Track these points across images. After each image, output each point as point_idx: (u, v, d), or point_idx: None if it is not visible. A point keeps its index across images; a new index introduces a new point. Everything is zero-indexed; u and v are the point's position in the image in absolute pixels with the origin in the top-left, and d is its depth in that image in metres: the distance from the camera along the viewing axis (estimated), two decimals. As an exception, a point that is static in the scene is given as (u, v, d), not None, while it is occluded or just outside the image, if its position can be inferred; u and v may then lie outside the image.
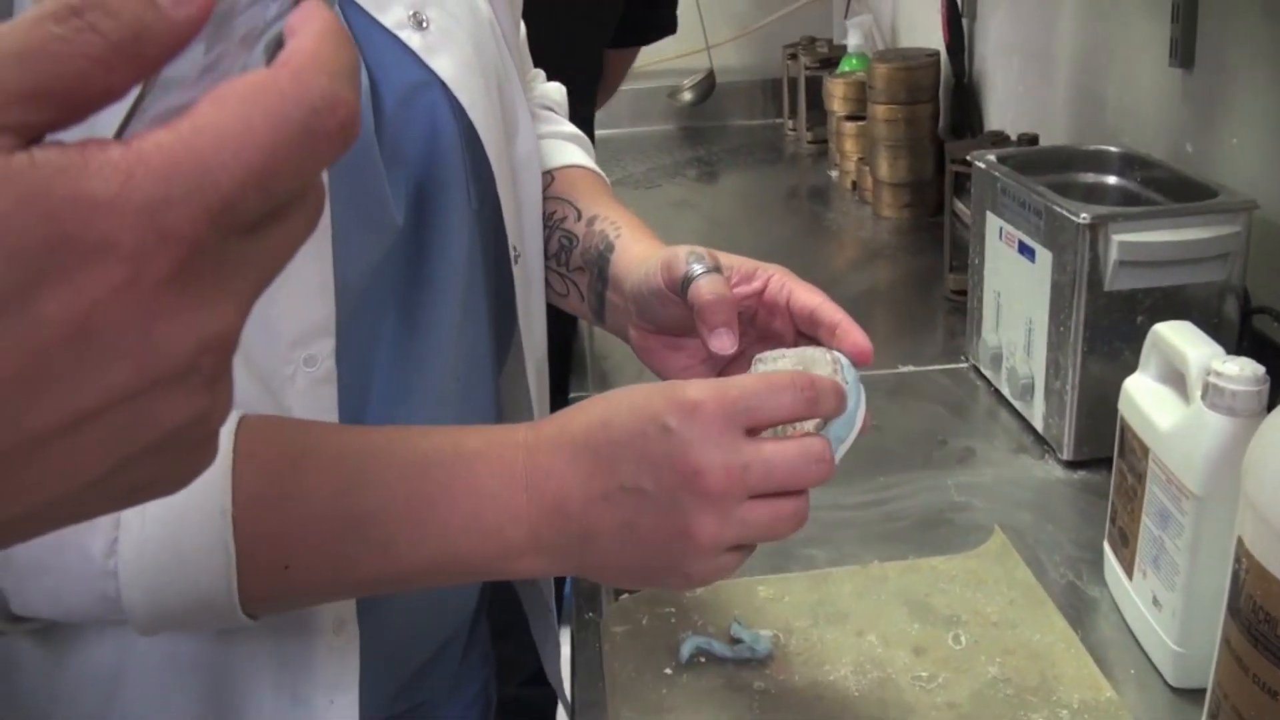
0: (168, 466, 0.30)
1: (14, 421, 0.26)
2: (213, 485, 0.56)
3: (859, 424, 0.65)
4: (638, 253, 0.80)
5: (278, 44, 0.29)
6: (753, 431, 0.59)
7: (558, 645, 0.93)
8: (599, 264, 0.82)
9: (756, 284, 0.74)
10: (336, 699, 0.65)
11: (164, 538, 0.55)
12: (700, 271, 0.71)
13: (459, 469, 0.60)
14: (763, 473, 0.58)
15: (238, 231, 0.27)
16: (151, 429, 0.28)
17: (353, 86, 0.28)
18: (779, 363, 0.69)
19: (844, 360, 0.67)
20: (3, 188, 0.24)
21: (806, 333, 0.72)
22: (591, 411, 0.61)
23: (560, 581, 0.98)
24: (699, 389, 0.58)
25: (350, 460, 0.59)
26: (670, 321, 0.76)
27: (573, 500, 0.59)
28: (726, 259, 0.74)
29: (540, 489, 0.60)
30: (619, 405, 0.60)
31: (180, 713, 0.66)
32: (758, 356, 0.70)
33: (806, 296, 0.72)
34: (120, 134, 0.28)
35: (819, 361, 0.67)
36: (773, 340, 0.74)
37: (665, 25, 1.95)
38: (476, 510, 0.59)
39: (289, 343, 0.62)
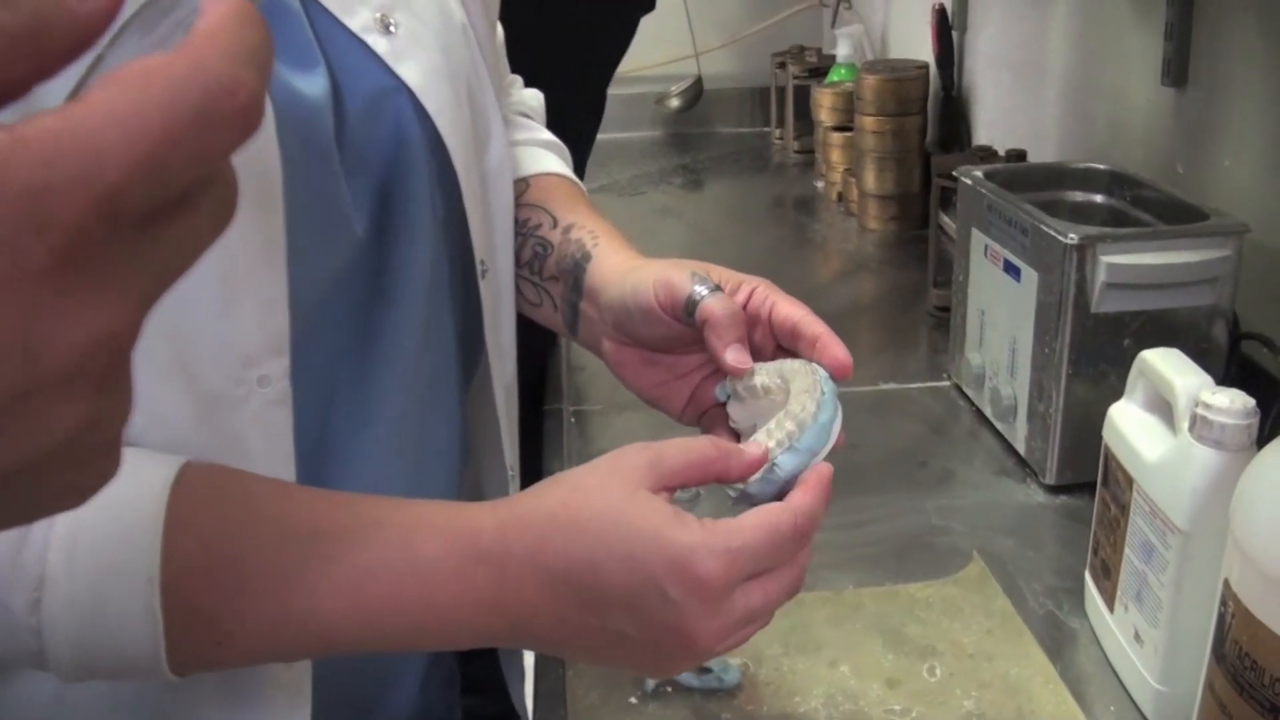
0: (65, 479, 0.28)
1: None
2: (141, 548, 0.52)
3: (834, 438, 0.64)
4: (615, 264, 0.77)
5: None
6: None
7: (522, 670, 0.90)
8: (574, 273, 0.80)
9: (740, 296, 0.72)
10: None
11: (89, 601, 0.52)
12: (706, 293, 0.69)
13: (410, 581, 0.56)
14: (752, 624, 0.59)
15: (129, 224, 0.25)
16: (39, 437, 0.26)
17: (256, 69, 0.27)
18: (757, 377, 0.68)
19: (823, 373, 0.66)
20: None
21: (787, 346, 0.71)
22: (575, 537, 0.56)
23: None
24: (706, 560, 0.55)
25: (292, 551, 0.55)
26: (650, 339, 0.73)
27: (544, 628, 0.57)
28: (713, 272, 0.72)
29: (506, 611, 0.56)
30: (610, 546, 0.55)
31: None
32: (733, 384, 0.69)
33: (789, 309, 0.70)
34: None
35: (798, 373, 0.66)
36: (752, 353, 0.71)
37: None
38: (429, 623, 0.57)
39: (240, 362, 0.58)
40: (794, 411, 0.63)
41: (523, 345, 0.84)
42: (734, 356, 0.68)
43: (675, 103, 2.58)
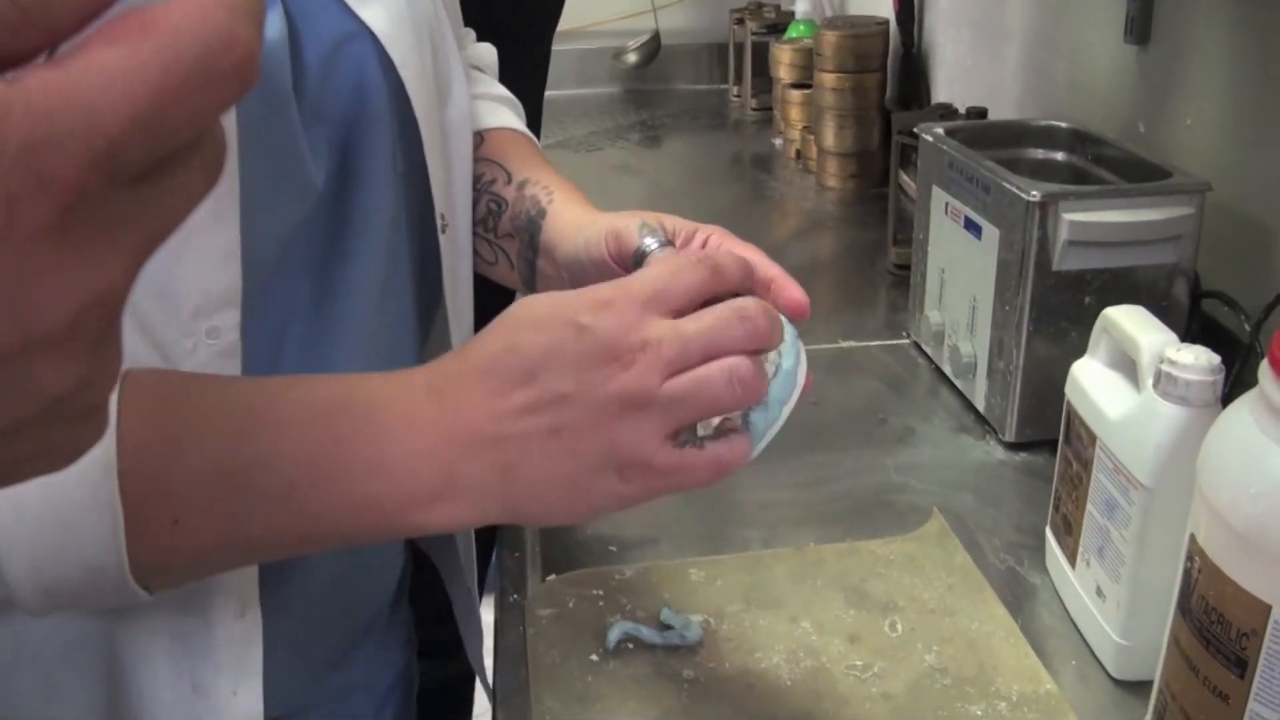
0: (51, 440, 0.27)
1: None
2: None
3: (800, 382, 0.62)
4: (570, 218, 0.76)
5: None
6: (674, 314, 0.56)
7: (480, 630, 0.89)
8: (529, 230, 0.78)
9: (694, 245, 0.71)
10: (239, 689, 0.61)
11: (45, 500, 0.50)
12: (655, 246, 0.68)
13: (359, 411, 0.55)
14: (678, 342, 0.55)
15: (125, 179, 0.25)
16: (30, 397, 0.25)
17: (253, 24, 0.26)
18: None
19: (781, 317, 0.64)
20: None
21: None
22: (492, 340, 0.57)
23: (483, 563, 0.94)
24: (605, 288, 0.56)
25: (241, 406, 0.55)
26: None
27: (487, 424, 0.55)
28: (667, 221, 0.71)
29: (449, 426, 0.55)
30: (521, 325, 0.56)
31: (75, 703, 0.61)
32: None
33: (741, 252, 0.69)
34: None
35: None
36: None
37: None
38: (381, 451, 0.55)
39: (190, 313, 0.57)
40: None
41: (479, 304, 0.83)
42: None
43: (632, 58, 2.55)
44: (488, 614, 0.91)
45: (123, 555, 0.52)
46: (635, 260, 0.68)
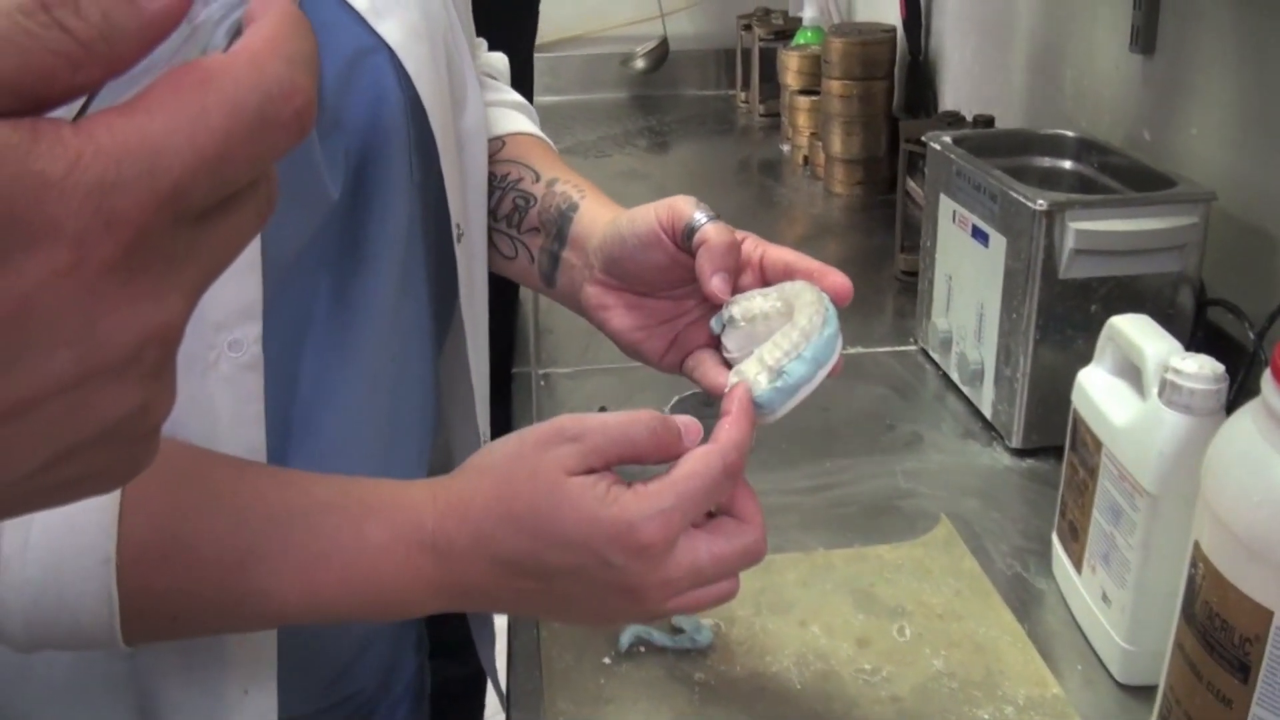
0: (106, 462, 0.29)
1: None
2: (97, 531, 0.53)
3: (836, 354, 0.65)
4: (604, 212, 0.78)
5: (237, 30, 0.29)
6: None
7: (493, 633, 0.90)
8: (559, 223, 0.80)
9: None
10: (251, 690, 0.62)
11: (44, 581, 0.52)
12: (707, 220, 0.71)
13: (360, 565, 0.58)
14: (699, 584, 0.60)
15: (187, 220, 0.26)
16: (90, 422, 0.27)
17: (310, 74, 0.27)
18: (754, 300, 0.69)
19: (823, 294, 0.67)
20: None
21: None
22: (513, 533, 0.58)
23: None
24: (640, 521, 0.56)
25: (245, 535, 0.56)
26: (641, 272, 0.74)
27: (492, 600, 0.61)
28: None
29: (454, 590, 0.59)
30: (550, 538, 0.57)
31: (86, 704, 0.62)
32: (733, 299, 0.70)
33: (780, 252, 0.72)
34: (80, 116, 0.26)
35: (800, 294, 0.67)
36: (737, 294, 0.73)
37: None
38: (379, 602, 0.59)
39: (212, 326, 0.58)
40: (800, 324, 0.64)
41: (491, 309, 0.84)
42: (718, 283, 0.69)
43: (640, 64, 2.56)
44: (500, 617, 0.92)
45: (116, 634, 0.54)
46: (685, 233, 0.71)
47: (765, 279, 0.72)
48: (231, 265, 0.57)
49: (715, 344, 0.73)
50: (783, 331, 0.65)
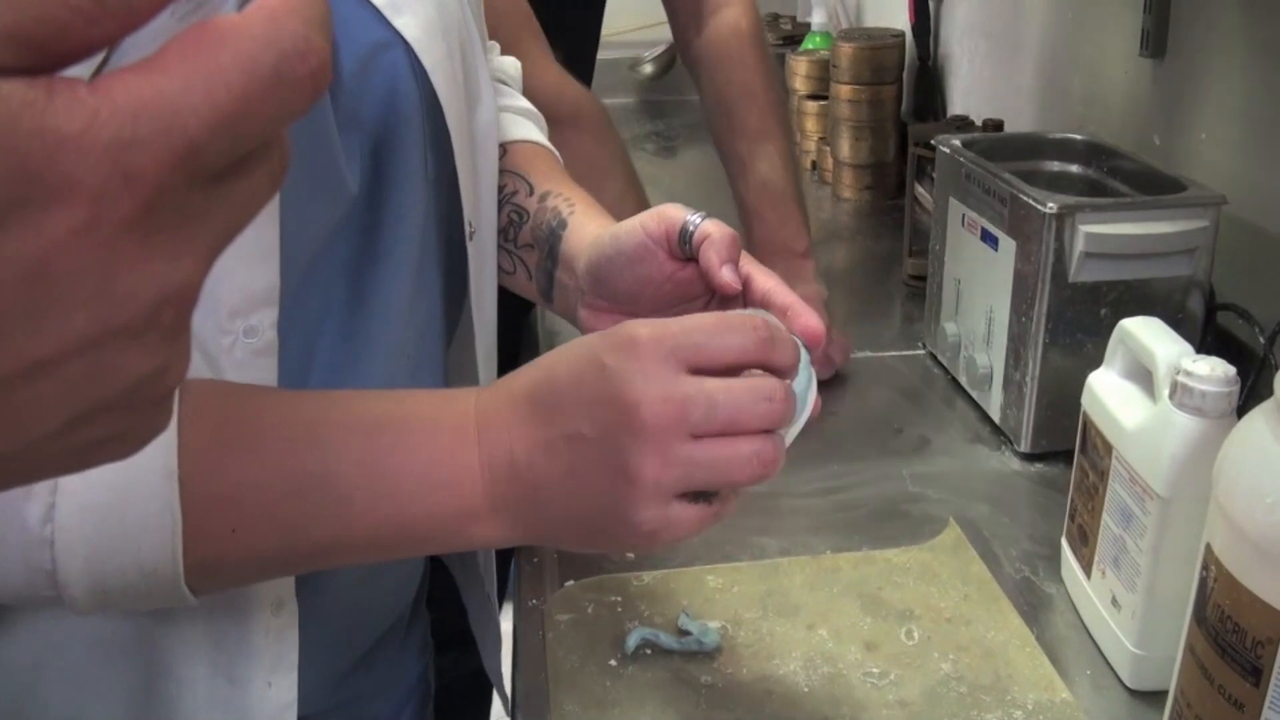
0: (123, 425, 0.29)
1: None
2: (159, 445, 0.52)
3: (810, 405, 0.63)
4: (591, 230, 0.77)
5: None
6: (700, 372, 0.56)
7: (498, 636, 0.90)
8: (550, 241, 0.79)
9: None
10: (275, 681, 0.62)
11: (106, 502, 0.52)
12: (699, 221, 0.71)
13: (411, 429, 0.58)
14: (704, 407, 0.55)
15: (202, 179, 0.26)
16: (108, 383, 0.27)
17: (325, 34, 0.27)
18: None
19: (795, 339, 0.64)
20: None
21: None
22: (536, 368, 0.60)
23: (503, 570, 0.95)
24: (639, 325, 0.57)
25: (300, 420, 0.57)
26: (630, 288, 0.73)
27: (519, 452, 0.58)
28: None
29: (490, 446, 0.58)
30: (561, 356, 0.59)
31: (108, 697, 0.62)
32: None
33: (762, 280, 0.70)
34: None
35: None
36: None
37: None
38: (431, 468, 0.58)
39: (228, 311, 0.58)
40: None
41: (501, 309, 0.84)
42: (728, 274, 0.68)
43: (649, 69, 2.56)
44: (506, 620, 0.92)
45: (178, 559, 0.53)
46: (682, 238, 0.70)
47: (747, 300, 0.71)
48: (248, 251, 0.57)
49: None
50: None
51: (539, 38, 1.17)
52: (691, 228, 0.70)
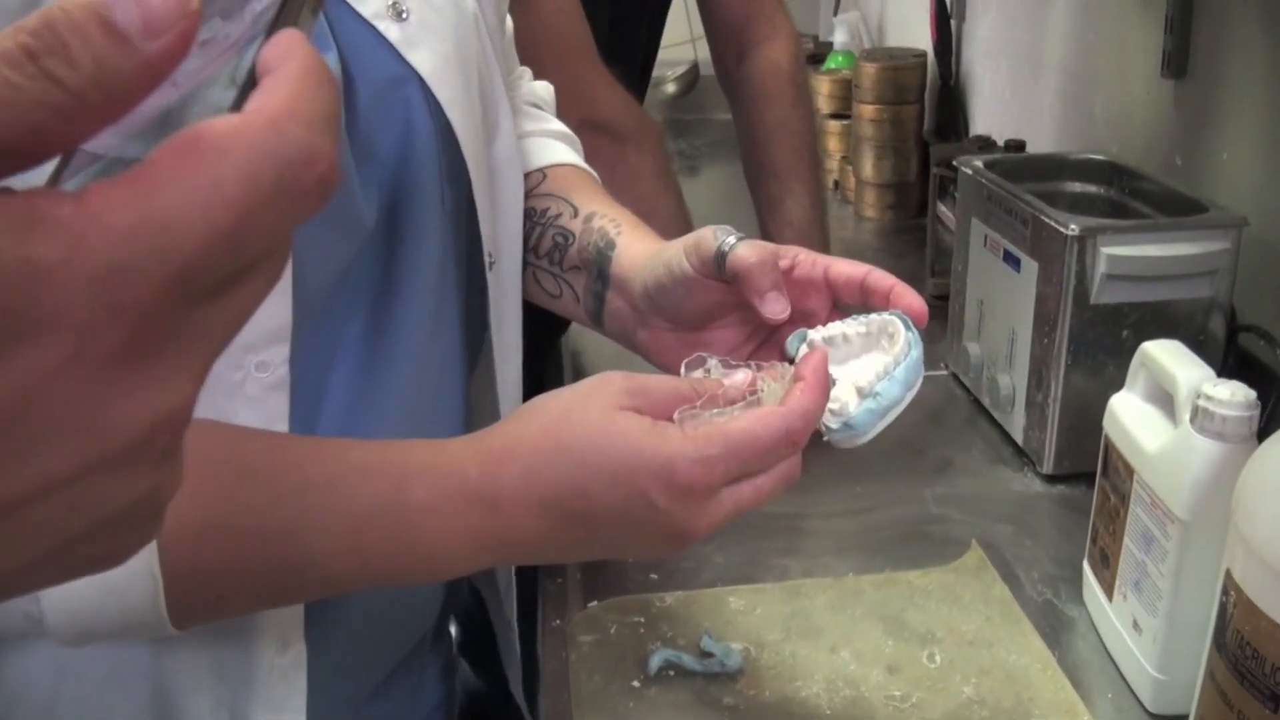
0: (110, 546, 0.27)
1: None
2: None
3: (920, 378, 0.66)
4: (641, 250, 0.77)
5: (250, 81, 0.26)
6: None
7: (519, 660, 0.90)
8: (598, 262, 0.79)
9: (784, 263, 0.71)
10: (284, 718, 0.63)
11: None
12: (734, 241, 0.69)
13: (405, 526, 0.57)
14: (742, 510, 0.58)
15: (197, 297, 0.24)
16: (94, 513, 0.25)
17: (331, 136, 0.25)
18: (835, 326, 0.69)
19: (906, 318, 0.68)
20: None
21: (849, 303, 0.71)
22: (561, 465, 0.57)
23: (528, 594, 0.95)
24: (682, 462, 0.56)
25: (288, 500, 0.56)
26: (692, 312, 0.73)
27: (539, 551, 0.60)
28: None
29: (502, 542, 0.58)
30: (598, 472, 0.57)
31: None
32: (809, 333, 0.69)
33: (851, 268, 0.70)
34: (62, 166, 0.25)
35: (892, 323, 0.67)
36: (808, 316, 0.72)
37: None
38: (426, 562, 0.59)
39: (240, 346, 0.58)
40: (887, 348, 0.66)
41: (529, 338, 0.84)
42: (771, 306, 0.68)
43: (671, 88, 2.58)
44: (530, 641, 0.92)
45: (161, 613, 0.54)
46: (718, 263, 0.69)
47: (836, 295, 0.71)
48: None
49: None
50: (873, 356, 0.66)
51: (596, 59, 1.19)
52: (725, 250, 0.69)
